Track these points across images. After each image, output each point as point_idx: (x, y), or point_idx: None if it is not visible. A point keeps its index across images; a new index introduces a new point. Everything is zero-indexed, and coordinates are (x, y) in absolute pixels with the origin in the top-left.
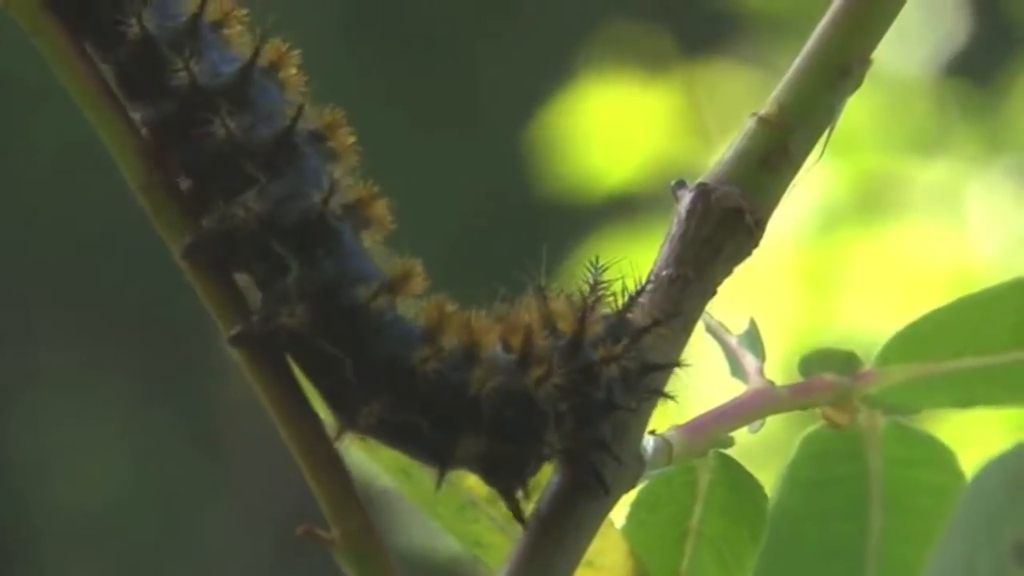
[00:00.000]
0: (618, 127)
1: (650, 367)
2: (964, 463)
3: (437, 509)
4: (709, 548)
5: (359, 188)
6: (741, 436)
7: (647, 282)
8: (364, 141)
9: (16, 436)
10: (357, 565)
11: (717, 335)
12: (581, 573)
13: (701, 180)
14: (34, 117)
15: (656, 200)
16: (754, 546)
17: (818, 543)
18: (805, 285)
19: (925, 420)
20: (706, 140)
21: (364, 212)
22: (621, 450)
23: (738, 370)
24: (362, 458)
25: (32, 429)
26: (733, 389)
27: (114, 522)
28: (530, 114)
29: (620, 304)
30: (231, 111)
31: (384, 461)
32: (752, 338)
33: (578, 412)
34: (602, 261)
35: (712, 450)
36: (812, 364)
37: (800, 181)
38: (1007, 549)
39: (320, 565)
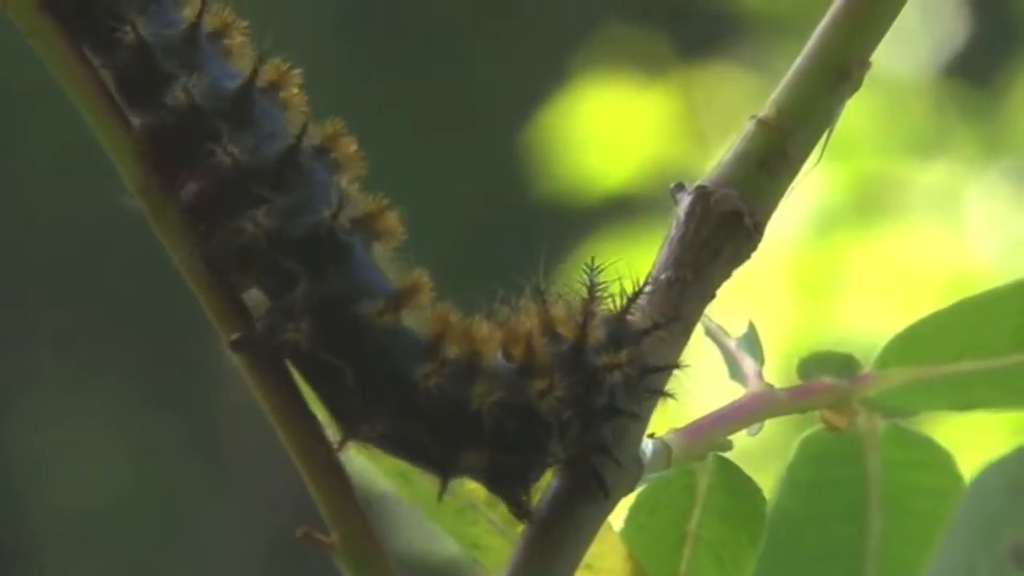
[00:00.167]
0: (615, 130)
1: (650, 370)
2: (963, 466)
3: (436, 512)
4: (708, 551)
5: (369, 201)
6: (740, 439)
7: (645, 284)
8: (362, 143)
9: (15, 437)
10: (356, 568)
11: (716, 338)
12: None
13: (700, 183)
14: (33, 118)
15: (653, 203)
16: (753, 549)
17: (817, 546)
18: (803, 288)
19: (924, 423)
20: (703, 143)
21: (374, 225)
22: (620, 453)
23: (737, 373)
24: (361, 462)
25: (31, 430)
26: (732, 392)
27: (113, 524)
28: (527, 116)
29: (619, 306)
30: (232, 135)
31: (383, 465)
32: (751, 341)
33: (581, 418)
34: (599, 262)
35: (711, 453)
36: (811, 367)
37: (799, 183)
38: (1006, 552)
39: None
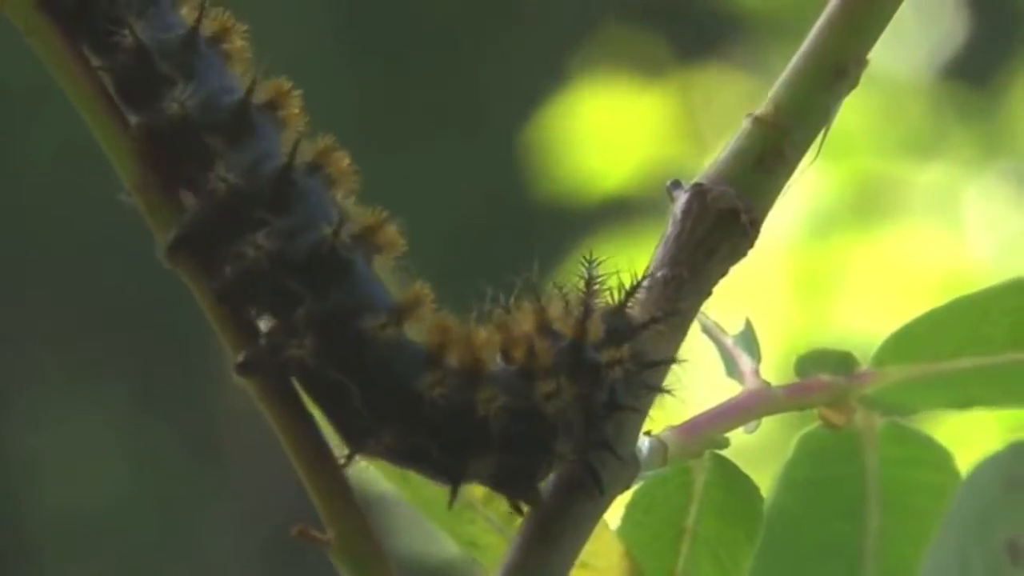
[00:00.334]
0: (613, 131)
1: (648, 363)
2: (961, 463)
3: (433, 510)
4: (704, 549)
5: (368, 215)
6: (737, 437)
7: (643, 278)
8: (361, 144)
9: (13, 439)
10: (353, 566)
11: (713, 336)
12: (576, 574)
13: (696, 180)
14: (32, 118)
15: (651, 203)
16: (750, 547)
17: (814, 543)
18: (800, 287)
19: (922, 420)
20: (701, 144)
21: (374, 238)
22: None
23: (734, 371)
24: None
25: (29, 432)
26: (729, 390)
27: (111, 525)
28: (526, 117)
29: (617, 300)
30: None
31: (380, 465)
32: (748, 339)
33: (583, 415)
34: (596, 257)
35: (708, 451)
36: (808, 364)
37: (796, 182)
38: (1000, 547)
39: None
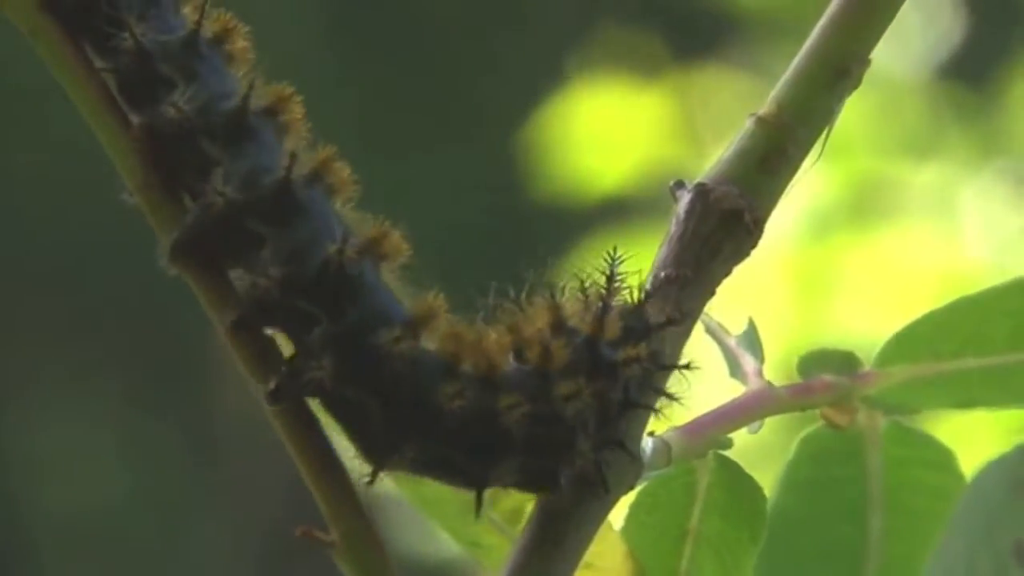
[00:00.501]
0: (611, 131)
1: (664, 366)
2: (963, 464)
3: (436, 510)
4: (708, 549)
5: (371, 225)
6: (740, 437)
7: (655, 278)
8: (359, 146)
9: (12, 440)
10: (356, 566)
11: (716, 336)
12: (580, 575)
13: (700, 180)
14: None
15: (649, 203)
16: (753, 547)
17: (817, 544)
18: (799, 288)
19: (924, 421)
20: (698, 144)
21: (380, 249)
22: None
23: (737, 371)
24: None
25: (27, 433)
26: (732, 390)
27: (109, 527)
28: (523, 118)
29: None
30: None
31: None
32: (751, 339)
33: (598, 413)
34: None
35: (711, 451)
36: (811, 365)
37: (798, 181)
38: (1007, 549)
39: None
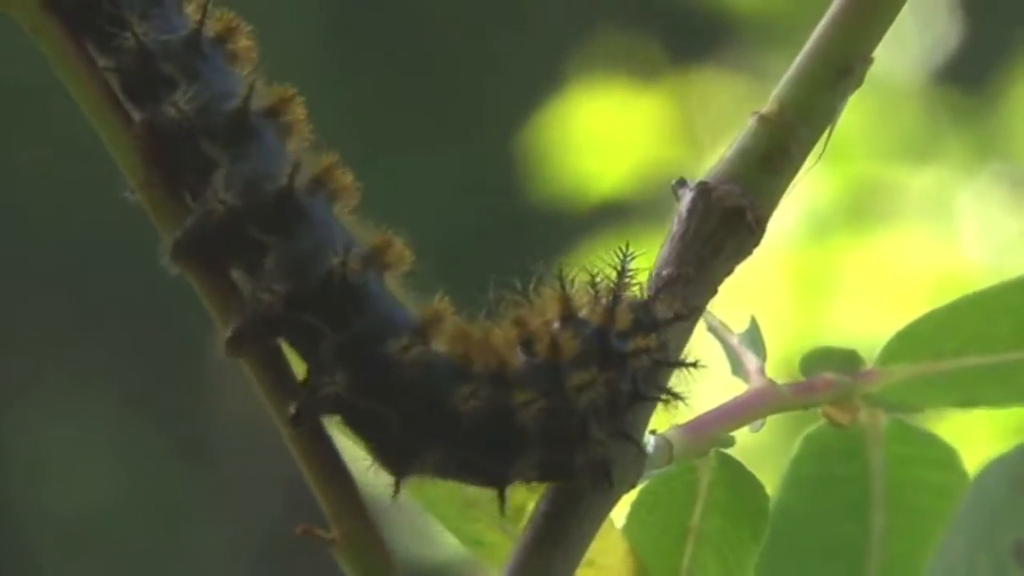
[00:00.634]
0: (609, 134)
1: (671, 363)
2: (965, 462)
3: (438, 509)
4: (710, 547)
5: (375, 235)
6: (741, 435)
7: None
8: (357, 148)
9: (9, 441)
10: (357, 565)
11: (718, 334)
12: (582, 573)
13: (702, 179)
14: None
15: (648, 206)
16: (755, 545)
17: (819, 542)
18: (796, 289)
19: (927, 419)
20: (696, 146)
21: (383, 258)
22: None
23: (739, 369)
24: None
25: (25, 435)
26: (733, 388)
27: (107, 528)
28: (522, 120)
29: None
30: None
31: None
32: (753, 337)
33: (607, 404)
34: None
35: (713, 449)
36: (813, 363)
37: (800, 180)
38: (1008, 549)
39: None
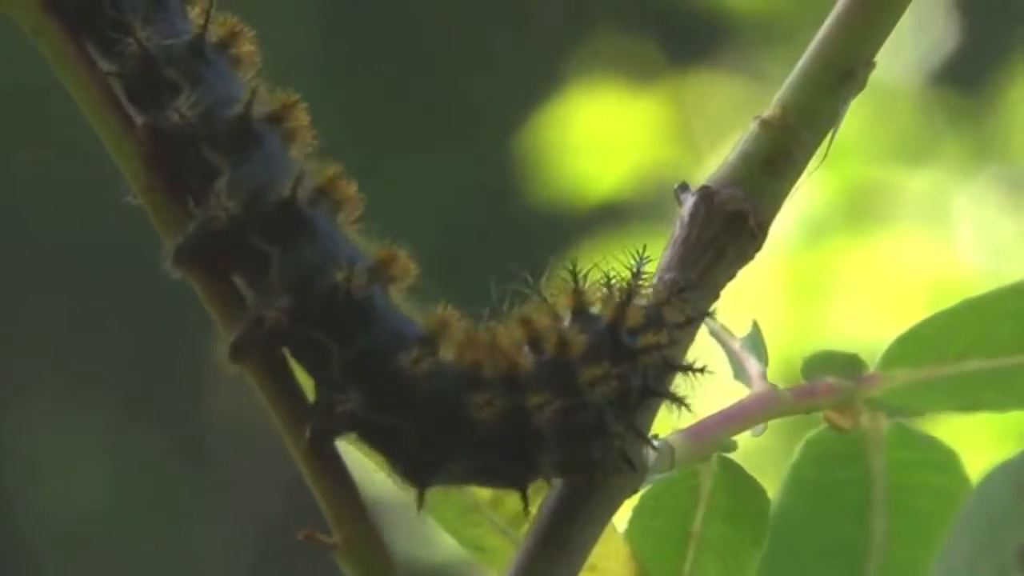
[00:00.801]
0: (607, 135)
1: (679, 367)
2: (967, 466)
3: (440, 513)
4: (711, 552)
5: (379, 249)
6: (743, 440)
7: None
8: (354, 149)
9: (9, 442)
10: (360, 570)
11: (720, 339)
12: None
13: (704, 183)
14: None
15: (645, 208)
16: (756, 550)
17: (820, 546)
18: (793, 293)
19: (928, 423)
20: (694, 149)
21: (388, 272)
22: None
23: (741, 374)
24: (361, 463)
25: (22, 436)
26: (734, 393)
27: (104, 529)
28: (520, 122)
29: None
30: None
31: (385, 467)
32: (755, 342)
33: (618, 399)
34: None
35: (714, 454)
36: (815, 367)
37: (803, 184)
38: (1011, 554)
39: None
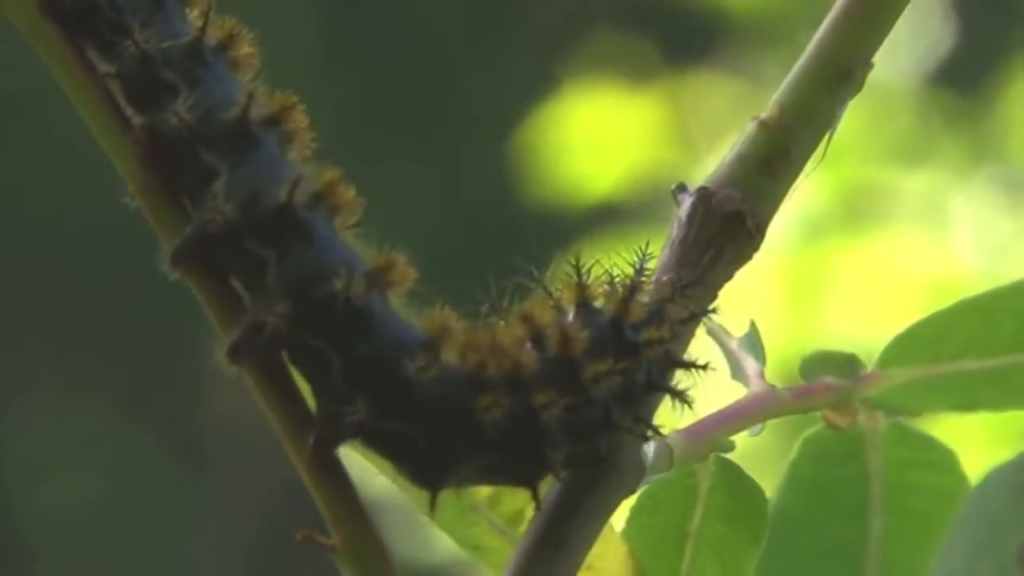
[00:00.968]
0: (604, 136)
1: (680, 363)
2: (965, 465)
3: (437, 514)
4: (709, 551)
5: (377, 256)
6: (741, 440)
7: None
8: (350, 149)
9: (6, 442)
10: (359, 570)
11: (718, 338)
12: None
13: (702, 184)
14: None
15: (641, 208)
16: (754, 549)
17: (818, 545)
18: (790, 293)
19: (926, 422)
20: (690, 149)
21: (386, 277)
22: (619, 456)
23: (739, 373)
24: (359, 464)
25: (19, 435)
26: (733, 392)
27: (101, 531)
28: (517, 122)
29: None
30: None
31: (383, 466)
32: (752, 341)
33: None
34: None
35: (712, 454)
36: (812, 367)
37: (801, 184)
38: (1010, 554)
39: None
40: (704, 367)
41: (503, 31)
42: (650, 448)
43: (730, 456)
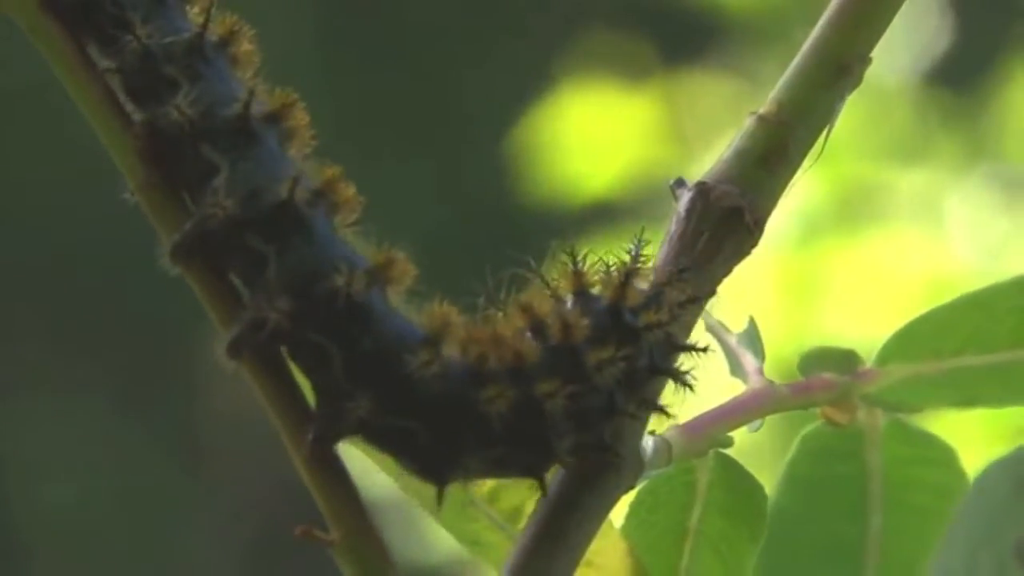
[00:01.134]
0: (598, 135)
1: (681, 347)
2: (964, 462)
3: (436, 509)
4: (708, 548)
5: (377, 252)
6: (740, 436)
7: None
8: (345, 148)
9: (4, 441)
10: (358, 567)
11: (717, 334)
12: (581, 573)
13: (700, 179)
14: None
15: (637, 206)
16: (753, 545)
17: (818, 541)
18: (786, 291)
19: (925, 419)
20: (686, 147)
21: (387, 274)
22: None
23: (738, 369)
24: (358, 460)
25: (16, 435)
26: (732, 388)
27: (98, 530)
28: (512, 121)
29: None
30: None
31: (383, 462)
32: (751, 337)
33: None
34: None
35: (712, 450)
36: (811, 363)
37: (798, 180)
38: (1009, 549)
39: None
40: (705, 350)
41: (500, 30)
42: (649, 444)
43: (729, 452)
